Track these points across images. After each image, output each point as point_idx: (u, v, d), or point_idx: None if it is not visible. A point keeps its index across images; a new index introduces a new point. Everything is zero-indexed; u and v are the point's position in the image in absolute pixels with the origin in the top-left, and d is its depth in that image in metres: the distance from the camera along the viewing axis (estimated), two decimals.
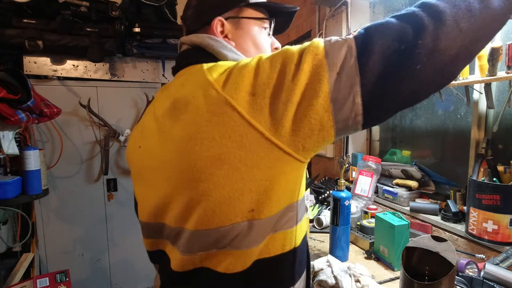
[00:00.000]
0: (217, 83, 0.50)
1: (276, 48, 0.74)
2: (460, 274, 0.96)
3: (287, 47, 0.50)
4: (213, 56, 0.61)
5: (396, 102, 0.47)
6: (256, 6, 0.68)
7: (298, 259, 0.60)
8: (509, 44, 0.98)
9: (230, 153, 0.48)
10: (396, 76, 0.44)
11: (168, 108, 0.57)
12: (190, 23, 0.68)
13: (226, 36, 0.66)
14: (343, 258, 1.18)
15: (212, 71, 0.53)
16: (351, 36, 0.47)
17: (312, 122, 0.46)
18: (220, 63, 0.56)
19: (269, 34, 0.71)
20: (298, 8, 0.74)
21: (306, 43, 0.49)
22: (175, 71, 0.66)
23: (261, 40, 0.69)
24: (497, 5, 0.45)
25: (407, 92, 0.45)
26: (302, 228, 0.61)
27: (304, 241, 0.63)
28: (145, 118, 0.66)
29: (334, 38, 0.48)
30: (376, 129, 1.93)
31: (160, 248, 0.65)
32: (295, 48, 0.49)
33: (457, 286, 0.89)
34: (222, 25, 0.65)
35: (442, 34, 0.43)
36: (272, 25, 0.71)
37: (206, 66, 0.56)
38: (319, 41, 0.48)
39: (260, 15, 0.69)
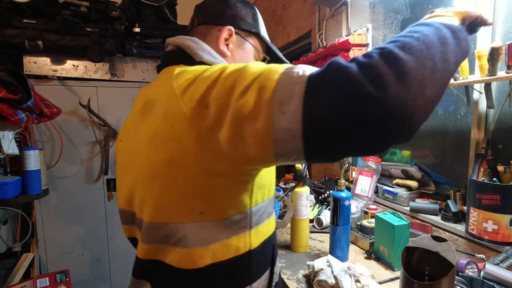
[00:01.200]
0: (179, 89, 0.53)
1: None
2: (460, 274, 0.96)
3: (247, 65, 0.49)
4: (191, 58, 0.64)
5: (333, 152, 0.44)
6: (261, 40, 0.74)
7: (254, 260, 0.62)
8: (509, 44, 0.98)
9: (178, 156, 0.52)
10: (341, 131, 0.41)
11: (141, 106, 0.62)
12: (204, 16, 0.71)
13: (227, 45, 0.69)
14: (343, 258, 1.18)
15: (179, 77, 0.55)
16: (307, 74, 0.43)
17: (245, 144, 0.46)
18: (190, 68, 0.57)
19: None
20: (289, 62, 0.70)
21: (267, 67, 0.47)
22: (158, 70, 0.69)
23: None
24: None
25: (346, 146, 0.42)
26: (261, 231, 0.64)
27: (266, 243, 0.65)
28: (129, 114, 0.72)
29: (296, 70, 0.44)
30: None
31: (134, 235, 0.69)
32: (253, 69, 0.47)
33: (457, 286, 0.89)
34: (230, 34, 0.68)
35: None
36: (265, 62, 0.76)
37: (177, 70, 0.58)
38: (276, 71, 0.45)
39: (261, 49, 0.75)
